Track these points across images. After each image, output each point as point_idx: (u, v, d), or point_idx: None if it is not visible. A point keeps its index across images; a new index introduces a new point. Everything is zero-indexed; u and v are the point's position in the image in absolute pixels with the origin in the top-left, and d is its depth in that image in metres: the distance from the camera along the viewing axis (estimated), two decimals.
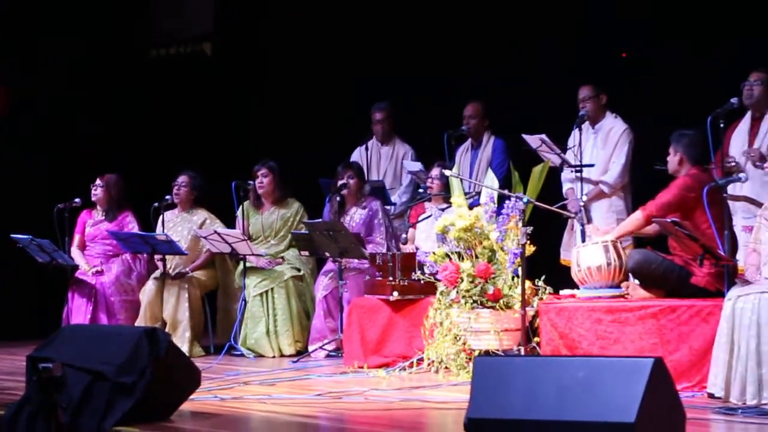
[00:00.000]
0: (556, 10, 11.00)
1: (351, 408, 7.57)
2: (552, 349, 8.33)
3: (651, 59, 10.46)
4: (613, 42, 10.68)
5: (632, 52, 10.77)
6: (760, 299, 7.38)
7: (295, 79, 12.87)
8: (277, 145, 12.01)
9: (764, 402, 7.21)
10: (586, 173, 9.51)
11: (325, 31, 12.60)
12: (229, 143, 12.74)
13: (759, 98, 8.86)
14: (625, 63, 10.78)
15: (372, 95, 11.47)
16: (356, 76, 12.23)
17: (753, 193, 8.71)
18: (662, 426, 5.08)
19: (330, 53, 12.58)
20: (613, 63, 10.68)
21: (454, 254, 8.99)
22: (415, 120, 11.41)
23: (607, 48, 10.73)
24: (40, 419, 6.68)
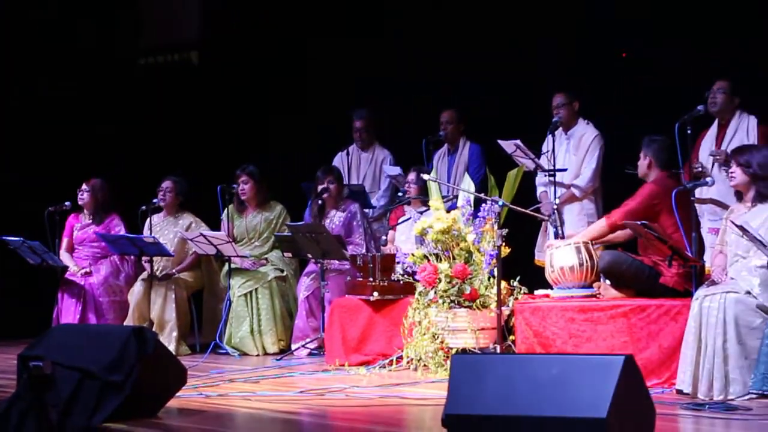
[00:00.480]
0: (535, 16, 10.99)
1: (333, 404, 7.57)
2: (527, 347, 8.34)
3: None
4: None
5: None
6: (725, 298, 7.41)
7: (278, 87, 12.86)
8: (260, 150, 11.99)
9: (730, 397, 7.24)
10: (559, 177, 9.53)
11: (306, 39, 12.59)
12: (214, 148, 12.72)
13: (722, 106, 8.88)
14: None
15: (352, 101, 11.46)
16: (337, 83, 12.23)
17: (719, 196, 8.72)
18: (633, 421, 5.09)
19: (312, 62, 12.58)
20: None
21: (433, 255, 8.99)
22: (395, 125, 11.40)
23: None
24: (30, 416, 6.66)
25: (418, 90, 11.57)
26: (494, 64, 11.07)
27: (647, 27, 10.41)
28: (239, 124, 12.93)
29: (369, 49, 12.05)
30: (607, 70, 10.41)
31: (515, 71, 10.93)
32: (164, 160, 12.11)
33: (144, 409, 6.78)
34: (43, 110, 12.67)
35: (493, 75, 11.05)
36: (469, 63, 11.26)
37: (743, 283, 7.48)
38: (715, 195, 8.77)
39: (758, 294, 7.37)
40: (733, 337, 7.34)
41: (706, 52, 9.86)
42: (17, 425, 6.69)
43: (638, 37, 10.44)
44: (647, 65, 10.39)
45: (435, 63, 11.50)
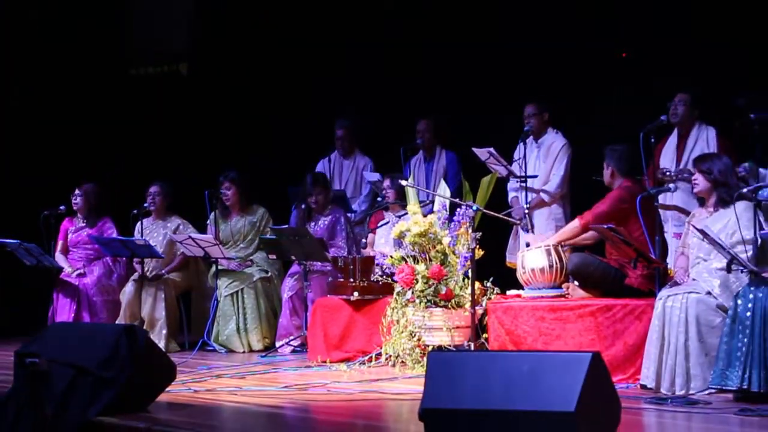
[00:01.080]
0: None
1: (315, 399, 7.58)
2: (499, 345, 8.36)
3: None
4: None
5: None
6: (687, 298, 7.45)
7: (262, 96, 12.86)
8: (245, 156, 11.98)
9: (691, 392, 7.28)
10: (530, 183, 9.54)
11: (289, 52, 12.59)
12: (202, 154, 12.70)
13: (683, 117, 8.91)
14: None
15: (334, 111, 11.46)
16: (319, 93, 12.23)
17: (682, 202, 8.76)
18: (600, 414, 5.11)
19: (295, 72, 12.58)
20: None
21: (410, 257, 9.00)
22: (375, 133, 11.40)
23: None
24: (27, 410, 6.67)
25: (397, 99, 11.58)
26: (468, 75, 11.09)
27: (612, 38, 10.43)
28: (225, 131, 12.92)
29: (350, 59, 12.05)
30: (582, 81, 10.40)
31: (488, 81, 10.93)
32: (154, 166, 12.10)
33: (135, 404, 6.77)
34: (38, 119, 12.63)
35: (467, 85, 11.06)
36: (445, 73, 11.26)
37: (704, 284, 7.52)
38: (678, 202, 8.80)
39: (718, 294, 7.42)
40: (694, 336, 7.38)
41: (670, 64, 9.87)
42: (15, 418, 6.69)
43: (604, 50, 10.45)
44: (616, 76, 10.39)
45: (413, 72, 11.50)
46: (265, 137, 12.58)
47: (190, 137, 13.08)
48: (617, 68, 10.25)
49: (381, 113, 11.50)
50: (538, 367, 5.11)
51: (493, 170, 9.58)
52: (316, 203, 10.44)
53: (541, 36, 10.66)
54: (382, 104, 11.63)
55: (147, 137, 13.18)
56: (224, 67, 13.25)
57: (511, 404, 5.03)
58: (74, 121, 12.87)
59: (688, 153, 8.82)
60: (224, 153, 12.19)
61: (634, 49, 10.15)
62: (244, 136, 12.71)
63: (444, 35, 11.32)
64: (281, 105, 12.60)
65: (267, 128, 12.64)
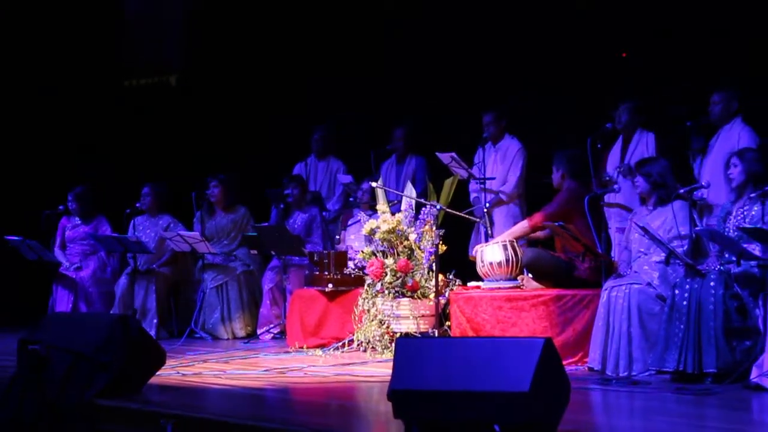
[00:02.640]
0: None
1: (293, 381, 7.58)
2: (461, 331, 8.38)
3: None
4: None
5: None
6: (630, 289, 7.50)
7: (244, 106, 12.85)
8: (229, 160, 11.95)
9: (633, 373, 7.32)
10: (489, 185, 9.56)
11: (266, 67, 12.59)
12: (189, 159, 12.68)
13: (626, 124, 8.92)
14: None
15: (311, 119, 11.46)
16: (296, 102, 12.24)
17: (625, 201, 8.78)
18: (551, 394, 5.12)
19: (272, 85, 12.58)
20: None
21: (380, 252, 9.02)
22: (348, 139, 11.39)
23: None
24: (29, 393, 6.63)
25: (368, 108, 11.59)
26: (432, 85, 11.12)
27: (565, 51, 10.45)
28: (210, 138, 12.90)
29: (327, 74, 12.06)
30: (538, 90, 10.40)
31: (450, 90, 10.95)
32: (146, 169, 12.06)
33: (129, 386, 6.75)
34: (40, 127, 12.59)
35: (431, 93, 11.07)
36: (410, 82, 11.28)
37: (645, 276, 7.56)
38: (621, 200, 8.83)
39: (657, 285, 7.47)
40: (636, 322, 7.43)
41: (613, 76, 9.90)
42: (19, 400, 6.66)
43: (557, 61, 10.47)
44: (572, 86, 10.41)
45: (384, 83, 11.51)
46: (247, 142, 12.56)
47: (179, 143, 13.05)
48: (567, 79, 10.26)
49: (353, 120, 11.50)
50: (496, 352, 5.11)
51: (455, 173, 9.61)
52: (293, 198, 10.46)
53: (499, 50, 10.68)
54: (354, 112, 11.63)
55: (139, 143, 13.15)
56: (210, 79, 13.23)
57: (471, 385, 5.03)
58: (73, 129, 12.82)
59: (630, 155, 8.86)
60: (209, 157, 12.16)
61: (583, 62, 10.17)
62: (227, 141, 12.69)
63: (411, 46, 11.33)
64: (261, 113, 12.60)
65: (248, 134, 12.62)
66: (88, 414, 6.51)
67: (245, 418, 5.93)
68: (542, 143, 9.53)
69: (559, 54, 10.31)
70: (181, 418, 6.08)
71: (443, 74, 11.03)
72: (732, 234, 7.16)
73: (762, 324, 6.81)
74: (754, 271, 7.03)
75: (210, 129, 12.99)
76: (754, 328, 6.93)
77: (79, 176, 11.39)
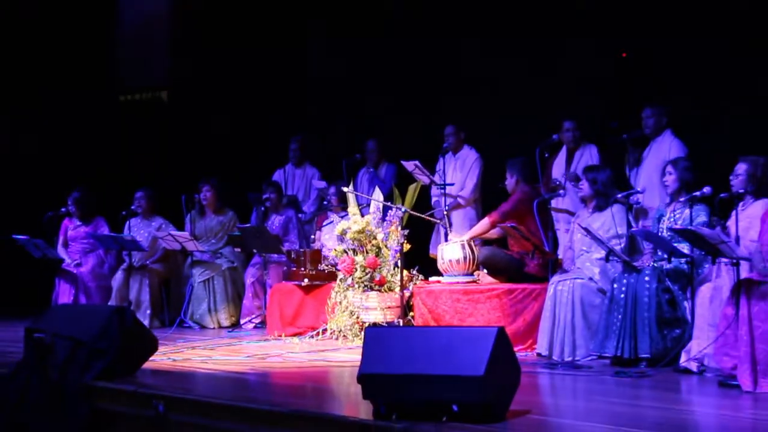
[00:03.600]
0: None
1: (272, 366, 7.57)
2: (423, 321, 8.39)
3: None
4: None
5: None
6: (574, 283, 7.54)
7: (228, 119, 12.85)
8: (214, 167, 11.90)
9: (577, 358, 7.36)
10: (449, 190, 9.58)
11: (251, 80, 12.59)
12: (178, 166, 12.64)
13: (571, 139, 8.99)
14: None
15: (288, 130, 11.45)
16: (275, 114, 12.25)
17: (570, 205, 8.83)
18: (504, 377, 5.14)
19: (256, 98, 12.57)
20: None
21: (350, 250, 9.01)
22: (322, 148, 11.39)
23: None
24: (35, 375, 6.62)
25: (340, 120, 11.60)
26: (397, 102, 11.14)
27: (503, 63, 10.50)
28: (198, 147, 12.87)
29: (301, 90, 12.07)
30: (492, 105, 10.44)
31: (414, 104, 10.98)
32: (140, 175, 12.01)
33: (124, 370, 6.73)
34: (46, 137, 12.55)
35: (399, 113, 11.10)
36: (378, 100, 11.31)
37: (587, 271, 7.61)
38: (567, 205, 8.87)
39: (598, 280, 7.51)
40: (579, 313, 7.47)
41: (558, 95, 9.94)
42: (25, 382, 6.65)
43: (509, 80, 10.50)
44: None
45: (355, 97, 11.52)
46: (230, 151, 12.55)
47: (170, 152, 13.02)
48: (518, 96, 10.30)
49: (328, 132, 11.51)
50: (454, 340, 5.12)
51: (418, 179, 9.62)
52: (270, 202, 10.46)
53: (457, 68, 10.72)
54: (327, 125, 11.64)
55: (134, 151, 13.11)
56: (197, 96, 13.23)
57: (432, 369, 5.04)
58: (76, 139, 12.77)
59: (575, 165, 8.90)
60: (197, 165, 12.13)
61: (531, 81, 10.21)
62: (212, 151, 12.67)
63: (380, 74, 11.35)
64: (243, 125, 12.61)
65: (231, 144, 12.61)
66: (87, 395, 6.48)
67: (229, 399, 5.93)
68: (497, 153, 9.56)
69: (510, 75, 10.35)
70: (172, 399, 6.07)
71: (410, 91, 11.05)
72: (664, 234, 7.21)
73: (690, 314, 6.86)
74: (684, 268, 7.09)
75: (197, 139, 12.97)
76: (683, 318, 6.99)
77: (79, 182, 11.32)
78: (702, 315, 6.68)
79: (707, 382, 6.40)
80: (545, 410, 5.68)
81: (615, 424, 5.08)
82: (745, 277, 6.25)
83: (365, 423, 5.12)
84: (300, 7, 12.16)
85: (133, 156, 13.02)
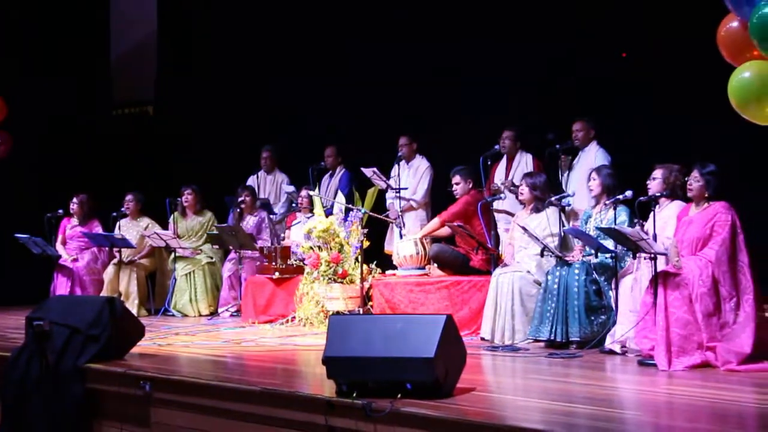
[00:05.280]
0: None
1: (247, 350, 7.54)
2: (380, 310, 8.40)
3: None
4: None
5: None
6: (513, 276, 7.57)
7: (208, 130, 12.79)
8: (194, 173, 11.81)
9: (516, 342, 7.38)
10: (402, 194, 9.59)
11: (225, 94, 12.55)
12: (163, 172, 12.56)
13: (510, 147, 9.00)
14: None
15: (260, 139, 11.41)
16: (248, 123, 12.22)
17: (509, 207, 8.86)
18: (451, 359, 5.14)
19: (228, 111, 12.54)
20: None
21: (316, 247, 9.00)
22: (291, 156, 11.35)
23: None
24: (34, 359, 6.56)
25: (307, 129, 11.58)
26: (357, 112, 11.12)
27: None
28: (180, 155, 12.80)
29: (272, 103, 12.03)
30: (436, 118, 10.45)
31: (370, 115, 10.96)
32: (129, 180, 11.91)
33: (114, 354, 6.68)
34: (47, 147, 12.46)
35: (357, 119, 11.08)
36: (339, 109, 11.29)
37: (525, 265, 7.64)
38: (507, 207, 8.90)
39: (534, 273, 7.55)
40: (518, 302, 7.50)
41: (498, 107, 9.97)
42: (26, 366, 6.59)
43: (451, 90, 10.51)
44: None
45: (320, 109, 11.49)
46: (208, 159, 12.50)
47: (156, 159, 12.94)
48: (461, 108, 10.33)
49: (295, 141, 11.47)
50: (408, 326, 5.12)
51: (376, 184, 9.62)
52: (244, 203, 10.40)
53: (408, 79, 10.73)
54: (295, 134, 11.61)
55: (125, 159, 13.03)
56: (179, 110, 13.20)
57: (388, 352, 5.04)
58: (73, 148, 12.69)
59: (513, 172, 8.94)
60: (179, 171, 12.06)
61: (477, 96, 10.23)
62: (193, 158, 12.60)
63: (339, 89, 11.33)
64: (220, 136, 12.57)
65: (209, 153, 12.56)
66: (81, 376, 6.44)
67: (209, 379, 5.90)
68: (445, 161, 9.58)
69: (458, 89, 10.39)
70: (157, 379, 6.05)
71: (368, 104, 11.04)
72: (592, 233, 7.26)
73: (614, 303, 6.90)
74: (608, 262, 7.13)
75: (179, 149, 12.92)
76: (608, 305, 7.03)
77: (76, 186, 11.23)
78: (624, 303, 6.74)
79: (629, 362, 6.44)
80: (488, 387, 5.69)
81: (548, 398, 5.11)
82: (661, 269, 6.30)
83: (329, 400, 5.11)
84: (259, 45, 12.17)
85: (123, 163, 12.93)
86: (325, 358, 5.18)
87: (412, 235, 8.77)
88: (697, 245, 6.33)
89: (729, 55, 6.05)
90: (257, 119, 12.17)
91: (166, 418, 5.97)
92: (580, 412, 4.76)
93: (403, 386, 4.97)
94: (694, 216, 6.43)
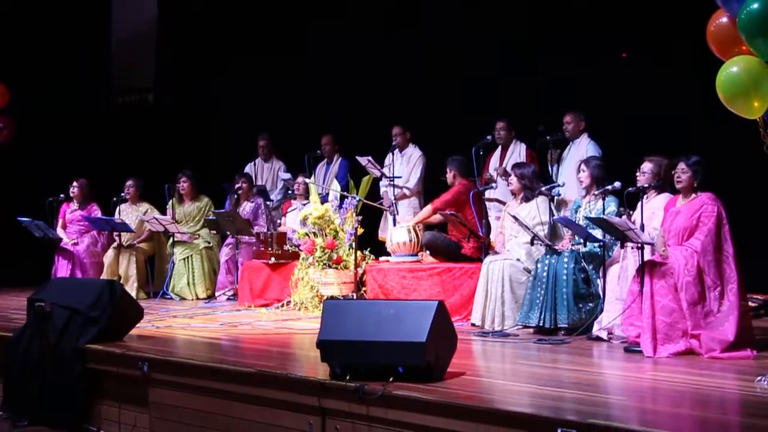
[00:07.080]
0: None
1: (243, 333, 7.54)
2: (374, 295, 8.40)
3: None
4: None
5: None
6: (503, 263, 7.58)
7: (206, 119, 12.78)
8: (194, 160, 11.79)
9: (505, 328, 7.39)
10: (396, 182, 9.59)
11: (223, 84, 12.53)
12: (162, 158, 12.53)
13: (505, 137, 9.02)
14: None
15: (256, 127, 11.39)
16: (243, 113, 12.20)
17: (501, 196, 8.88)
18: (443, 344, 5.16)
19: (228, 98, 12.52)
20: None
21: (312, 233, 9.00)
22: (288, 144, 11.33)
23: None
24: (36, 340, 6.58)
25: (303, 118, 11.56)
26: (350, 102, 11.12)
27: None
28: (179, 142, 12.78)
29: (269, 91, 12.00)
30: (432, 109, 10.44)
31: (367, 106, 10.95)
32: (129, 166, 11.88)
33: (114, 336, 6.69)
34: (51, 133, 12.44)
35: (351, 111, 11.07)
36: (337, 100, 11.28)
37: (515, 253, 7.64)
38: (498, 195, 8.92)
39: (524, 261, 7.55)
40: (508, 289, 7.51)
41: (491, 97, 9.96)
42: (27, 345, 6.60)
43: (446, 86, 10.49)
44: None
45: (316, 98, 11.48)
46: (207, 147, 12.48)
47: (155, 146, 12.92)
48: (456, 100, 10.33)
49: (291, 129, 11.46)
50: (401, 311, 5.13)
51: (370, 172, 9.62)
52: (242, 189, 10.40)
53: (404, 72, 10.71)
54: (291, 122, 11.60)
55: (126, 145, 13.00)
56: (178, 98, 13.18)
57: (381, 336, 5.05)
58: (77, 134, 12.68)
59: (507, 161, 8.94)
60: (178, 157, 12.04)
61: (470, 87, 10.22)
62: (192, 145, 12.59)
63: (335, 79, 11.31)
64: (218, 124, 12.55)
65: (208, 140, 12.54)
66: (81, 357, 6.45)
67: (205, 361, 5.91)
68: (438, 151, 9.58)
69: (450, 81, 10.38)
70: (155, 360, 6.06)
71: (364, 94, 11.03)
72: (581, 222, 7.27)
73: (601, 291, 6.92)
74: (597, 251, 7.15)
75: (178, 136, 12.90)
76: (596, 293, 7.05)
77: (78, 171, 11.22)
78: (612, 291, 6.76)
79: (615, 348, 6.47)
80: (478, 371, 5.71)
81: (537, 383, 5.13)
82: (648, 259, 6.32)
83: (323, 383, 5.13)
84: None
85: (123, 149, 12.91)
86: (319, 342, 5.19)
87: (406, 223, 8.77)
88: (683, 235, 6.35)
89: (719, 51, 6.05)
90: (255, 107, 12.15)
91: (164, 398, 5.98)
92: (568, 397, 4.78)
93: (395, 370, 4.98)
94: (681, 207, 6.45)
